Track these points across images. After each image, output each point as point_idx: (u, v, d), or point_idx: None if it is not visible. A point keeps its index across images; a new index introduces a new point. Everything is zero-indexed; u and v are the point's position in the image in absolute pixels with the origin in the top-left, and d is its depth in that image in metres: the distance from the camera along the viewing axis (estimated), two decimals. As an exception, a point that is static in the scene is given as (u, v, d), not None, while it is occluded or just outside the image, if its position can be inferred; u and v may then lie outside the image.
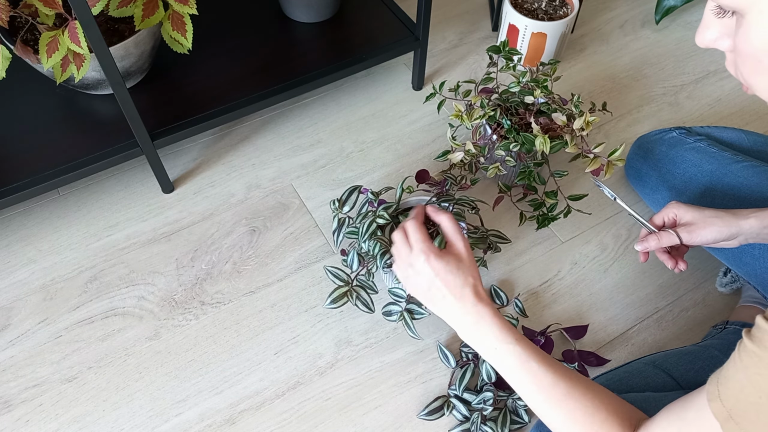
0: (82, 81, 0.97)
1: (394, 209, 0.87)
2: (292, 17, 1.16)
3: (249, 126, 1.17)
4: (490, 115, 0.91)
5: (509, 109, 0.97)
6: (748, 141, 0.96)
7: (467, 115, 0.91)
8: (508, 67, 0.95)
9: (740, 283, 0.94)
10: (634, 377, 0.77)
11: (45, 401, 0.85)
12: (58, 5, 0.89)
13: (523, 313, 0.94)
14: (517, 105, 0.96)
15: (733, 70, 0.46)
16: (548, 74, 0.95)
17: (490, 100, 0.97)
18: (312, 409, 0.85)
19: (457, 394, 0.84)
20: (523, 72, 0.95)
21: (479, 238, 0.92)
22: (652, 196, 0.98)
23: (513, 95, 0.96)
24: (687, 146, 0.94)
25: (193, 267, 0.98)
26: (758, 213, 0.72)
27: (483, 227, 0.97)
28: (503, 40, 0.95)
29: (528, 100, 0.93)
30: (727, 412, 0.47)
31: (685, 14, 1.39)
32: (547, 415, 0.62)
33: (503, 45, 0.94)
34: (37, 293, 0.95)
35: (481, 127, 0.96)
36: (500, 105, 0.97)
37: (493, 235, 0.95)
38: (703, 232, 0.73)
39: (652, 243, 0.77)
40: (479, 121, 0.91)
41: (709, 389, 0.49)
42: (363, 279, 0.86)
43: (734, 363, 0.47)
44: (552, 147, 0.86)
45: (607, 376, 0.79)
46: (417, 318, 0.84)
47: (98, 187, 1.08)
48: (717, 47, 0.46)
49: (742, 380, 0.46)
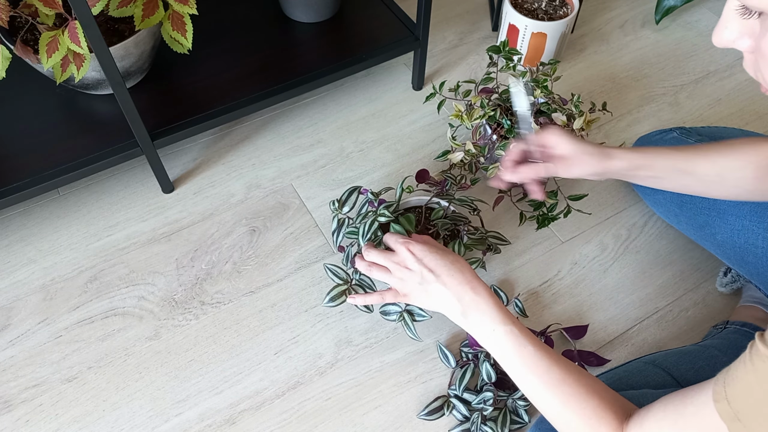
0: (82, 81, 0.97)
1: (395, 209, 0.87)
2: (292, 17, 1.16)
3: (249, 126, 1.17)
4: (490, 115, 0.91)
5: (509, 109, 0.96)
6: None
7: (467, 115, 0.91)
8: (507, 66, 0.95)
9: (741, 283, 0.94)
10: (633, 376, 0.77)
11: (45, 401, 0.85)
12: (58, 5, 0.89)
13: (523, 313, 0.94)
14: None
15: (753, 71, 0.45)
16: (548, 74, 0.95)
17: (490, 100, 0.97)
18: (312, 409, 0.85)
19: (457, 394, 0.84)
20: (523, 72, 0.95)
21: (478, 239, 0.92)
22: (654, 197, 0.98)
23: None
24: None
25: (193, 267, 0.98)
26: (629, 154, 0.75)
27: (483, 228, 0.97)
28: (503, 40, 0.95)
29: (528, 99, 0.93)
30: (733, 412, 0.46)
31: (685, 14, 1.39)
32: (541, 399, 0.63)
33: (503, 45, 0.94)
34: (37, 293, 0.95)
35: (481, 127, 0.96)
36: (500, 105, 0.97)
37: (492, 237, 0.95)
38: (576, 168, 0.76)
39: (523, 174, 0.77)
40: (479, 121, 0.91)
41: (716, 389, 0.49)
42: (363, 278, 0.86)
43: (744, 365, 0.47)
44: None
45: (606, 375, 0.79)
46: (418, 320, 0.84)
47: (98, 187, 1.08)
48: (736, 47, 0.45)
49: (751, 382, 0.46)
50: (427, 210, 0.93)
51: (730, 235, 0.85)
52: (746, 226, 0.84)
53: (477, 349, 0.86)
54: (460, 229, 0.92)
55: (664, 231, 1.03)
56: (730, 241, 0.85)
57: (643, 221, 1.04)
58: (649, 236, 1.03)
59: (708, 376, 0.51)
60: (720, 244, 0.87)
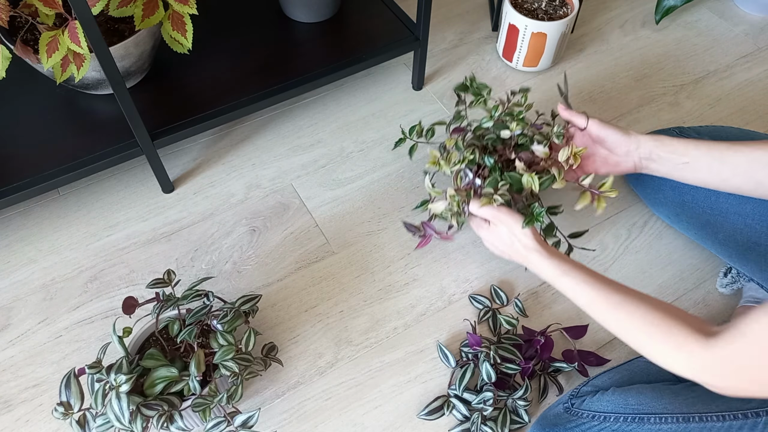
0: (82, 81, 0.97)
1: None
2: (292, 17, 1.16)
3: (249, 126, 1.17)
4: (470, 159, 0.85)
5: (486, 147, 0.91)
6: (744, 138, 0.95)
7: (445, 160, 0.85)
8: (477, 102, 0.91)
9: (741, 283, 0.94)
10: (636, 375, 0.78)
11: (45, 401, 0.85)
12: (58, 5, 0.89)
13: (523, 313, 0.94)
14: (494, 142, 0.89)
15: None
16: (520, 104, 0.90)
17: (464, 140, 0.91)
18: (312, 409, 0.85)
19: (457, 393, 0.84)
20: (495, 106, 0.90)
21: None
22: (654, 197, 0.97)
23: (487, 131, 0.90)
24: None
25: (193, 267, 0.98)
26: (655, 136, 0.83)
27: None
28: (470, 76, 0.92)
29: (504, 134, 0.87)
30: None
31: (685, 14, 1.39)
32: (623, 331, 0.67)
33: (471, 81, 0.91)
34: (37, 293, 0.95)
35: (461, 172, 0.87)
36: (476, 145, 0.90)
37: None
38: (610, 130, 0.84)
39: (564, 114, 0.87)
40: (459, 166, 0.85)
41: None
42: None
43: None
44: (541, 184, 0.82)
45: (609, 375, 0.79)
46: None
47: (98, 187, 1.08)
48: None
49: None
50: None
51: (732, 234, 0.85)
52: (749, 224, 0.84)
53: (477, 349, 0.86)
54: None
55: (664, 231, 1.03)
56: (732, 240, 0.86)
57: (643, 221, 1.04)
58: (649, 236, 1.03)
59: None
60: (722, 243, 0.88)
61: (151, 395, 0.71)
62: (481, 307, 0.94)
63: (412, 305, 0.95)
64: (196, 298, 0.78)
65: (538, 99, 1.22)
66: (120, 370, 0.68)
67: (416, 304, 0.95)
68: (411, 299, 0.95)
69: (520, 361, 0.85)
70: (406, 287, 0.96)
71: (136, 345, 0.78)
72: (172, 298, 0.78)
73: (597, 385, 0.79)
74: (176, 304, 0.78)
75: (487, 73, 1.27)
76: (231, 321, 0.76)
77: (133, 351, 0.77)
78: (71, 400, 0.67)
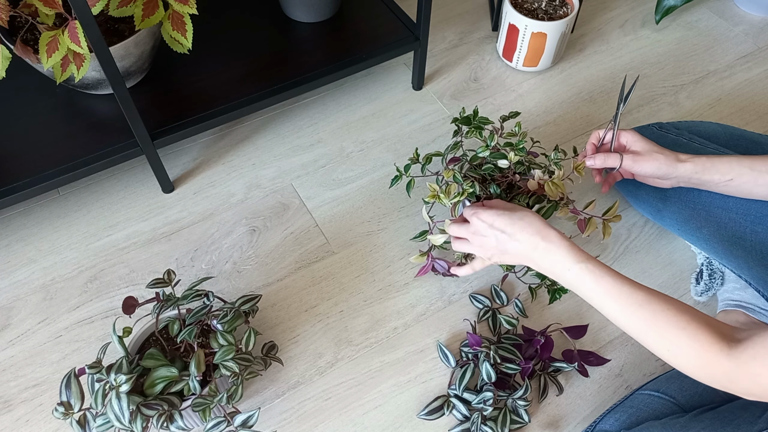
0: (82, 81, 0.97)
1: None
2: (292, 17, 1.16)
3: (249, 126, 1.17)
4: (469, 192, 0.84)
5: (484, 177, 0.91)
6: (724, 134, 0.95)
7: (444, 194, 0.85)
8: (471, 132, 0.91)
9: (714, 289, 0.93)
10: (642, 412, 0.77)
11: (45, 401, 0.85)
12: (58, 5, 0.89)
13: (523, 313, 0.94)
14: (492, 171, 0.89)
15: None
16: (514, 134, 0.90)
17: (462, 172, 0.91)
18: (312, 409, 0.85)
19: (457, 393, 0.84)
20: (491, 134, 0.89)
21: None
22: (636, 193, 0.96)
23: (484, 161, 0.91)
24: (669, 141, 0.93)
25: (193, 267, 0.98)
26: (695, 159, 0.81)
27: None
28: (474, 109, 0.92)
29: (502, 164, 0.87)
30: None
31: (685, 14, 1.39)
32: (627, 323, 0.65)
33: (473, 115, 0.91)
34: (37, 293, 0.95)
35: (459, 204, 0.86)
36: (473, 176, 0.90)
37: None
38: (646, 164, 0.82)
39: (598, 161, 0.85)
40: (458, 198, 0.84)
41: None
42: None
43: None
44: (545, 213, 0.84)
45: (614, 416, 0.79)
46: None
47: (98, 187, 1.08)
48: None
49: None
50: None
51: (717, 229, 0.84)
52: (732, 218, 0.83)
53: (477, 349, 0.86)
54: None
55: (664, 231, 1.03)
56: (716, 236, 0.84)
57: (643, 221, 1.04)
58: (649, 236, 1.03)
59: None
60: (706, 239, 0.86)
61: (151, 395, 0.71)
62: (481, 307, 0.94)
63: (412, 305, 0.95)
64: (196, 298, 0.78)
65: (538, 99, 1.22)
66: (120, 370, 0.68)
67: (416, 303, 0.95)
68: (411, 299, 0.95)
69: (520, 361, 0.85)
70: (406, 287, 0.97)
71: (136, 345, 0.78)
72: (172, 298, 0.78)
73: (605, 430, 0.78)
74: (176, 304, 0.78)
75: (487, 73, 1.27)
76: (231, 321, 0.76)
77: (133, 351, 0.77)
78: (71, 400, 0.67)
